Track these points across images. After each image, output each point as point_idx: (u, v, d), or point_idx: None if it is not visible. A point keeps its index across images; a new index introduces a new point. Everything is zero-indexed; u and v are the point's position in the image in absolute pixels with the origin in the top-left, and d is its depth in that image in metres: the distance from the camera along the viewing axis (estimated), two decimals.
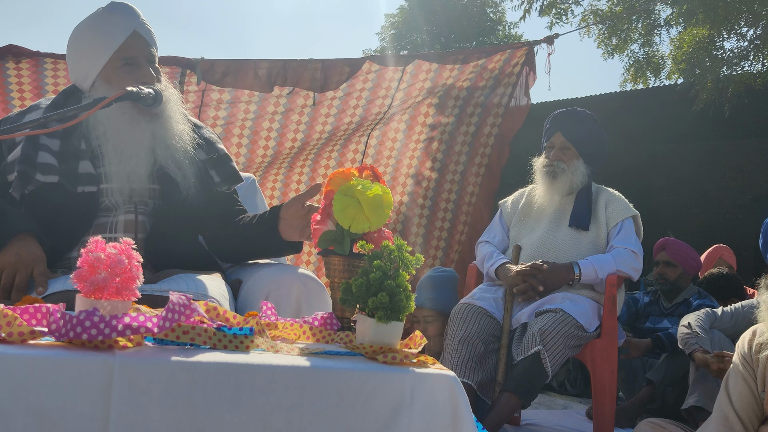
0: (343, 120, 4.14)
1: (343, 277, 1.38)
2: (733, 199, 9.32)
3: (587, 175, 2.86)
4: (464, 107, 4.31)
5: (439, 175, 4.40)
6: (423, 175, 4.41)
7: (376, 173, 1.47)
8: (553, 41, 4.20)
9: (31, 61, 3.43)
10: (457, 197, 4.44)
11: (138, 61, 1.72)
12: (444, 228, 4.46)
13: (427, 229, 4.43)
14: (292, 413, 1.00)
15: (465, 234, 4.47)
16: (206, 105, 3.84)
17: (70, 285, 1.30)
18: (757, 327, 1.90)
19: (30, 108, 1.79)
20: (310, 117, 4.08)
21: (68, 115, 1.37)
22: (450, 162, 4.39)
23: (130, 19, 1.73)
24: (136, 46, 1.73)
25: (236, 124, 3.95)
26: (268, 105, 3.96)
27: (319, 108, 4.06)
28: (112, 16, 1.72)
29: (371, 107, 4.14)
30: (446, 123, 4.32)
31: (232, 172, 1.90)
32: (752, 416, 1.85)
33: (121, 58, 1.71)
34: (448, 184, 4.42)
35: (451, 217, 4.45)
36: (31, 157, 1.66)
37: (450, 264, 4.47)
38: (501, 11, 16.20)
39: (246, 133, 4.00)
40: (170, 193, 1.76)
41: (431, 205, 4.43)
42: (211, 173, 1.86)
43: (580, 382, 4.11)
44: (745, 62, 6.64)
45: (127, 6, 1.76)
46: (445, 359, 2.59)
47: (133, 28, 1.72)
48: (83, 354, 0.93)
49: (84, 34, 1.74)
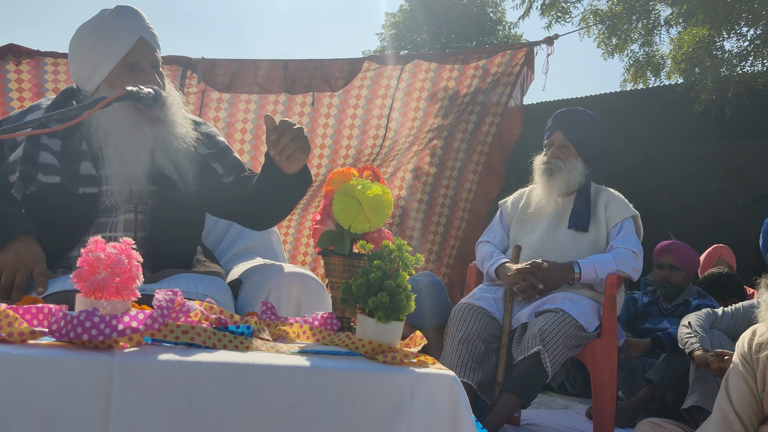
0: (344, 122, 4.14)
1: (343, 277, 1.38)
2: (733, 200, 9.32)
3: (586, 175, 2.86)
4: (466, 108, 4.32)
5: (438, 170, 4.43)
6: (422, 170, 4.43)
7: (376, 173, 1.47)
8: (553, 42, 4.20)
9: (32, 62, 3.42)
10: (454, 193, 4.47)
11: (143, 66, 1.72)
12: (441, 223, 4.49)
13: (425, 222, 4.46)
14: (292, 413, 1.01)
15: (463, 230, 4.51)
16: (206, 105, 3.84)
17: (70, 285, 1.30)
18: (757, 327, 1.90)
19: (31, 108, 1.79)
20: (310, 118, 4.08)
21: (69, 115, 1.37)
22: (449, 158, 4.42)
23: (135, 24, 1.73)
24: (142, 52, 1.72)
25: (237, 126, 3.96)
26: (267, 104, 3.97)
27: (318, 108, 4.06)
28: (117, 21, 1.71)
29: (371, 108, 4.14)
30: (444, 120, 4.34)
31: (236, 162, 1.90)
32: (752, 416, 1.85)
33: (126, 64, 1.71)
34: (446, 180, 4.45)
35: (448, 212, 4.48)
36: (33, 157, 1.66)
37: (447, 259, 4.49)
38: (501, 11, 16.23)
39: (248, 137, 4.01)
40: (168, 193, 1.76)
41: (429, 199, 4.46)
42: (215, 166, 1.86)
43: (580, 382, 4.11)
44: (746, 62, 6.64)
45: (133, 10, 1.76)
46: (445, 359, 2.59)
47: (139, 34, 1.72)
48: (83, 354, 0.93)
49: (89, 38, 1.72)
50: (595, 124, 2.91)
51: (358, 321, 1.21)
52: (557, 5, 7.15)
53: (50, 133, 1.69)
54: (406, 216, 4.43)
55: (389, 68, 4.02)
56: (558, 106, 3.55)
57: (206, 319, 1.13)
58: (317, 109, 4.06)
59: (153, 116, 1.71)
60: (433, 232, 4.48)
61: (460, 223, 4.49)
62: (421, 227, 4.44)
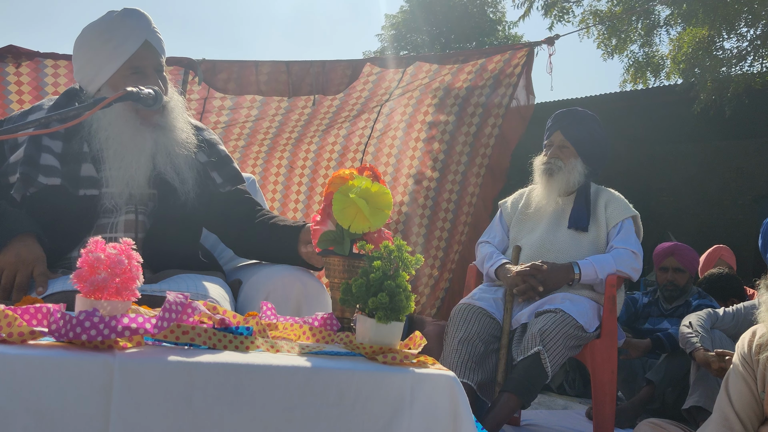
0: (340, 115, 4.16)
1: (343, 277, 1.38)
2: (733, 200, 9.32)
3: (585, 175, 2.87)
4: (464, 106, 4.32)
5: (441, 175, 4.40)
6: (424, 175, 4.41)
7: (376, 173, 1.47)
8: (554, 42, 4.20)
9: (31, 64, 3.42)
10: (458, 197, 4.44)
11: (146, 71, 1.72)
12: (445, 228, 4.46)
13: (429, 229, 4.43)
14: (292, 413, 1.01)
15: (465, 234, 4.47)
16: (208, 111, 3.85)
17: (70, 285, 1.30)
18: (757, 327, 1.90)
19: (32, 109, 1.79)
20: (309, 116, 4.10)
21: (69, 116, 1.37)
22: (451, 162, 4.39)
23: (142, 28, 1.72)
24: (146, 57, 1.72)
25: (237, 125, 3.97)
26: (269, 109, 3.98)
27: (318, 109, 4.07)
28: (124, 24, 1.71)
29: (369, 103, 4.16)
30: (446, 122, 4.33)
31: (234, 173, 1.91)
32: (752, 417, 1.85)
33: (130, 67, 1.71)
34: (449, 185, 4.42)
35: (452, 217, 4.46)
36: (34, 158, 1.66)
37: (450, 264, 4.47)
38: (501, 11, 16.24)
39: (246, 132, 4.02)
40: (168, 197, 1.77)
41: (432, 205, 4.43)
42: (213, 175, 1.86)
43: (579, 383, 4.11)
44: (745, 62, 6.65)
45: (140, 14, 1.75)
46: (445, 359, 2.59)
47: (145, 37, 1.72)
48: (83, 354, 0.93)
49: (95, 39, 1.72)
50: (594, 124, 2.91)
51: (358, 321, 1.21)
52: (558, 4, 7.16)
53: (52, 135, 1.69)
54: (410, 222, 4.40)
55: (391, 72, 4.03)
56: (558, 107, 3.54)
57: (209, 319, 1.13)
58: (317, 110, 4.08)
59: (154, 120, 1.71)
60: (437, 238, 4.46)
61: (463, 228, 4.47)
62: (426, 233, 4.41)
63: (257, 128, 4.02)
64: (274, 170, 4.23)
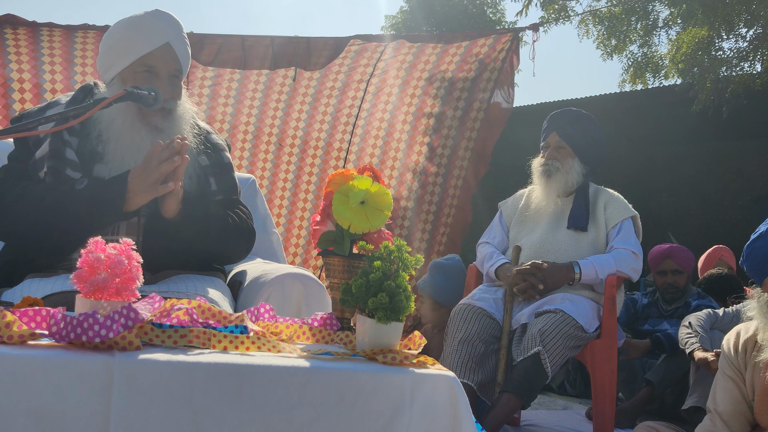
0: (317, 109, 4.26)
1: (342, 277, 1.38)
2: (732, 200, 9.32)
3: (584, 175, 2.87)
4: (450, 90, 4.40)
5: (427, 157, 4.47)
6: (411, 158, 4.50)
7: (375, 173, 1.48)
8: (538, 29, 4.32)
9: (29, 30, 3.51)
10: (443, 180, 4.52)
11: (159, 72, 1.71)
12: (431, 211, 4.55)
13: (415, 212, 4.50)
14: (292, 413, 1.01)
15: (452, 216, 4.57)
16: (191, 83, 3.92)
17: (70, 285, 1.30)
18: (740, 327, 1.88)
19: (50, 104, 1.79)
20: (288, 96, 4.17)
21: (69, 115, 1.37)
22: (437, 145, 4.47)
23: (166, 30, 1.72)
24: (162, 58, 1.71)
25: (219, 102, 4.05)
26: (248, 82, 4.05)
27: (297, 87, 4.15)
28: (149, 21, 1.72)
29: (353, 74, 4.22)
30: (432, 104, 4.43)
31: (231, 183, 1.89)
32: (742, 419, 1.83)
33: (144, 64, 1.70)
34: (435, 167, 4.50)
35: (438, 200, 4.53)
36: (61, 152, 1.66)
37: (438, 246, 4.54)
38: (500, 11, 16.24)
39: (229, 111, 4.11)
40: None
41: (419, 187, 4.50)
42: (210, 180, 1.85)
43: (580, 383, 4.11)
44: (744, 63, 6.65)
45: (170, 17, 1.75)
46: (445, 360, 2.59)
47: (167, 40, 1.71)
48: (83, 354, 0.93)
49: (121, 30, 1.73)
50: (590, 123, 2.91)
51: (357, 322, 1.21)
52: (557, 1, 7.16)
53: (70, 131, 1.69)
54: (396, 205, 4.48)
55: (372, 45, 4.11)
56: (557, 107, 3.54)
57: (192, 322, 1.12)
58: (296, 88, 4.14)
59: (154, 121, 1.71)
60: (423, 221, 4.54)
61: (449, 210, 4.57)
62: (412, 215, 4.49)
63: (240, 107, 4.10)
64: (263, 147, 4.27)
